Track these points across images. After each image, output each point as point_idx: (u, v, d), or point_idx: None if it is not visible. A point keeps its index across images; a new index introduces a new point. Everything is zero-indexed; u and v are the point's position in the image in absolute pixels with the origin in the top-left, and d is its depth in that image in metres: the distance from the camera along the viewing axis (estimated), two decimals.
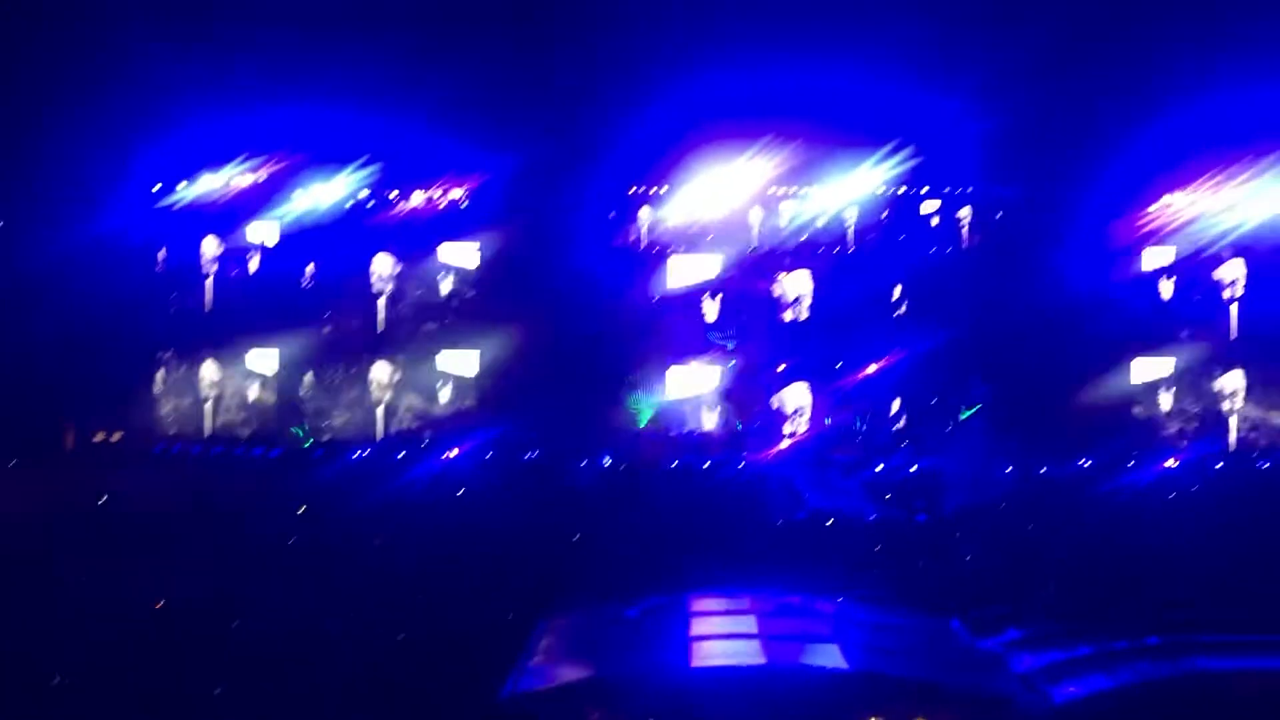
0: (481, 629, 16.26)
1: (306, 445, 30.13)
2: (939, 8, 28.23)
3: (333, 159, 30.83)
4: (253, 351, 31.02)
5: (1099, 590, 18.03)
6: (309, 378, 30.95)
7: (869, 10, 28.24)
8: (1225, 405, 30.22)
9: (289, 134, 30.28)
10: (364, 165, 30.77)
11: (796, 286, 31.22)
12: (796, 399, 30.86)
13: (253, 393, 31.17)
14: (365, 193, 31.23)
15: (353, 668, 14.39)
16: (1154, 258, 30.57)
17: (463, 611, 17.14)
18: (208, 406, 31.06)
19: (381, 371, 30.92)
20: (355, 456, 28.71)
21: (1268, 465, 28.51)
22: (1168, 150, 29.10)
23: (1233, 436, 30.05)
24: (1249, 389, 30.17)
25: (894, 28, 28.18)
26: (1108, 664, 13.63)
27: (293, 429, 30.65)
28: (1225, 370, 30.20)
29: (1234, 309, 30.34)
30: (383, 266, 31.27)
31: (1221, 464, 28.26)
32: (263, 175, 31.03)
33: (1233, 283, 30.38)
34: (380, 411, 30.89)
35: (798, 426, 30.67)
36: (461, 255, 31.38)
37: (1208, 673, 13.04)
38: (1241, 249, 30.32)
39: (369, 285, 31.28)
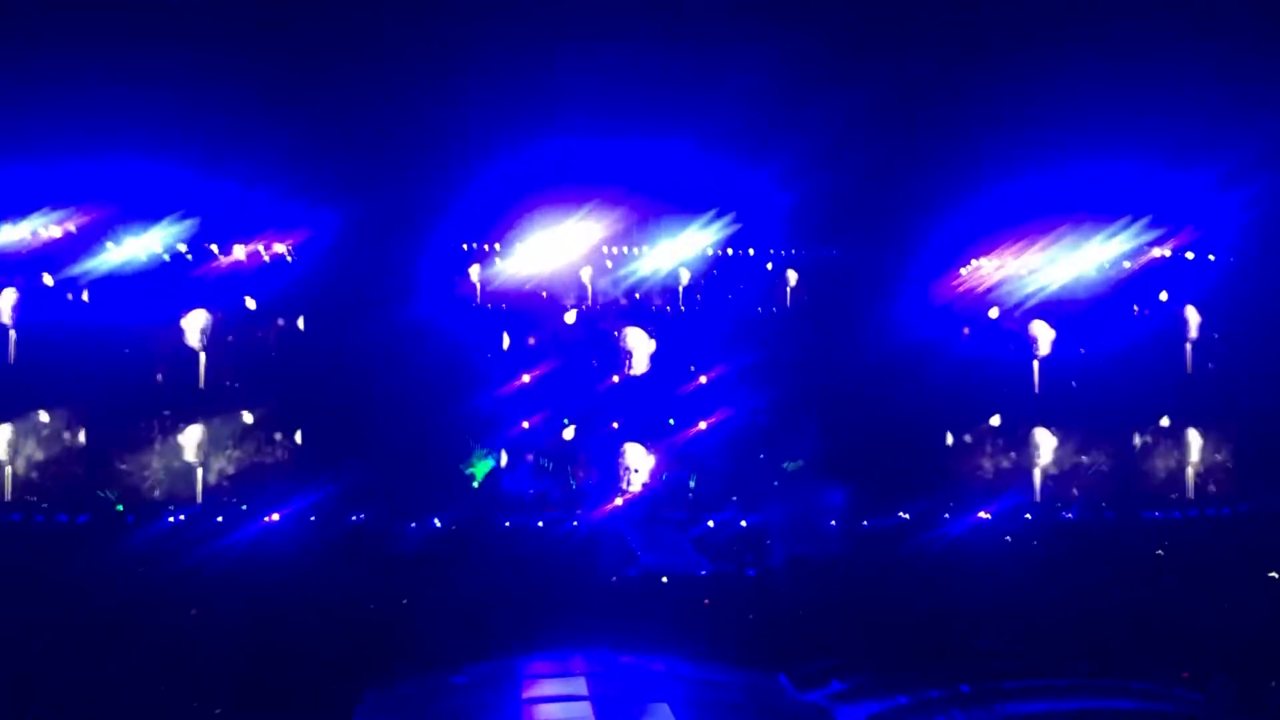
0: (305, 701, 15.80)
1: (118, 510, 28.56)
2: (767, 87, 29.47)
3: (150, 212, 29.59)
4: (60, 410, 29.37)
5: (917, 639, 18.77)
6: (122, 438, 29.45)
7: (702, 86, 29.38)
8: (1032, 459, 32.02)
9: (101, 186, 28.94)
10: (181, 218, 29.63)
11: (629, 344, 31.67)
12: (629, 457, 31.19)
13: (58, 454, 29.42)
14: (183, 246, 30.06)
15: None
16: (966, 318, 32.28)
17: (285, 683, 16.57)
18: (7, 470, 29.18)
19: (200, 432, 29.69)
20: (171, 521, 27.38)
21: (1071, 516, 30.20)
22: (977, 218, 30.93)
23: (1038, 488, 31.85)
24: (1053, 443, 32.10)
25: (721, 103, 29.36)
26: (924, 712, 14.19)
27: (102, 493, 29.01)
28: (1032, 426, 32.04)
29: (1036, 366, 32.30)
30: (202, 322, 30.12)
31: (1029, 515, 29.81)
32: (71, 227, 29.53)
33: (1036, 342, 32.36)
34: (199, 473, 29.63)
35: (631, 484, 30.93)
36: (287, 311, 30.57)
37: (1015, 717, 13.74)
38: (1045, 310, 32.36)
39: (188, 341, 30.06)
